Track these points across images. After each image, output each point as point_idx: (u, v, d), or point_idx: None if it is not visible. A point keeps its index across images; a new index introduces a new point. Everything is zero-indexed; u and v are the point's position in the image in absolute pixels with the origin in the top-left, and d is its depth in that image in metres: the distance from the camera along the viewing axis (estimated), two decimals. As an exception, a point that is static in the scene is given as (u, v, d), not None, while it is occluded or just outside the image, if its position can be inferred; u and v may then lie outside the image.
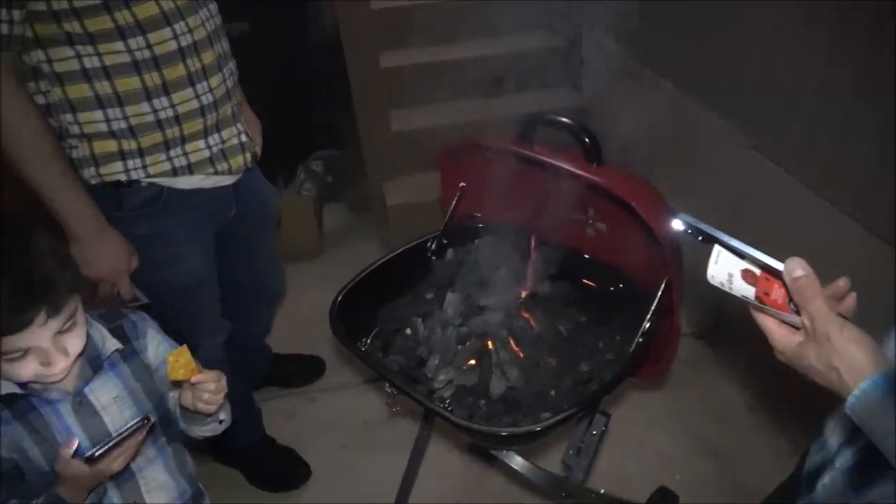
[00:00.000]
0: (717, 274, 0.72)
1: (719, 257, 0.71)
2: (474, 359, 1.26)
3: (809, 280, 0.63)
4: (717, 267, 0.72)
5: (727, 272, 0.71)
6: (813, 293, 0.63)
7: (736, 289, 0.72)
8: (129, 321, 1.12)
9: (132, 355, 1.09)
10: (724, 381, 2.12)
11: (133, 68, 1.24)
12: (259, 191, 1.64)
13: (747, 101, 1.81)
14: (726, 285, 0.73)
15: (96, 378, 1.04)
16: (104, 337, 1.06)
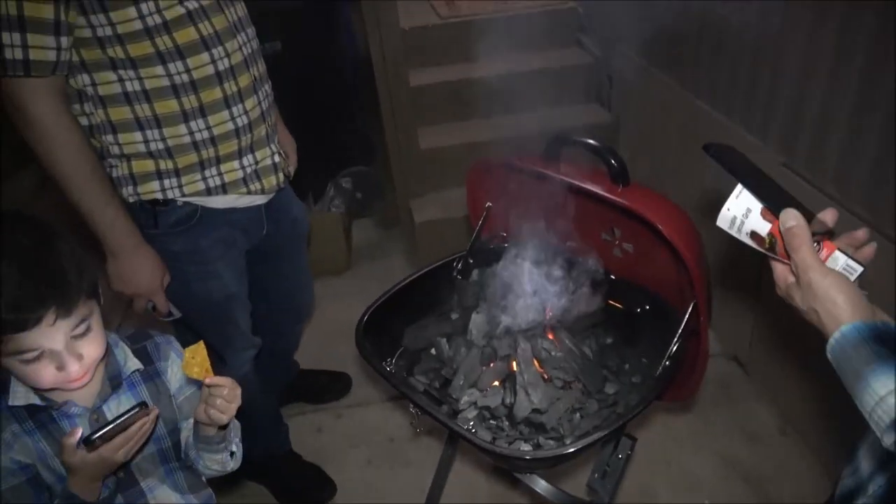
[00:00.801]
0: (735, 207, 0.77)
1: (742, 193, 0.76)
2: (499, 380, 1.26)
3: (798, 230, 0.69)
4: (737, 201, 0.77)
5: (747, 206, 0.76)
6: (799, 243, 0.69)
7: (749, 223, 0.76)
8: (154, 343, 1.12)
9: (153, 377, 1.10)
10: (755, 402, 2.08)
11: (172, 92, 1.28)
12: (290, 208, 1.67)
13: (780, 121, 1.79)
14: (739, 219, 0.77)
15: (114, 396, 1.05)
16: (126, 356, 1.07)
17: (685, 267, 1.10)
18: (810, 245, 0.68)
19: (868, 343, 0.62)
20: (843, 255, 0.70)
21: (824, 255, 0.71)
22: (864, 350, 0.61)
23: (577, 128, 2.73)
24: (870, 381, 0.60)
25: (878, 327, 0.63)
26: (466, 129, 2.78)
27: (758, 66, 1.84)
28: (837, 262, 0.70)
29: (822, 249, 0.71)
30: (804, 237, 0.68)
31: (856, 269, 0.70)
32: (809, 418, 1.88)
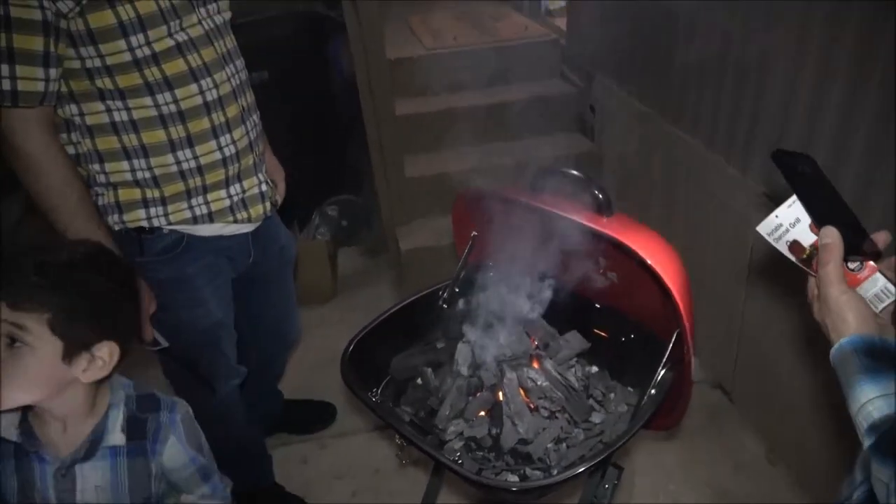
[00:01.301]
0: (785, 216, 0.79)
1: (794, 203, 0.79)
2: (485, 410, 1.26)
3: (832, 247, 0.72)
4: (788, 210, 0.79)
5: (797, 216, 0.79)
6: (828, 258, 0.72)
7: (794, 233, 0.79)
8: (157, 420, 1.06)
9: (137, 454, 1.05)
10: (741, 430, 2.08)
11: (159, 122, 1.29)
12: (278, 236, 1.67)
13: (760, 152, 1.83)
14: (784, 227, 0.79)
15: (88, 462, 1.02)
16: (114, 426, 1.03)
17: (669, 296, 1.11)
18: (839, 262, 0.72)
19: (859, 355, 0.66)
20: (882, 278, 0.73)
21: (865, 274, 0.74)
22: (855, 361, 0.66)
23: (561, 157, 2.77)
24: (855, 389, 0.64)
25: (873, 342, 0.67)
26: (452, 158, 2.80)
27: (738, 97, 1.88)
28: (877, 283, 0.73)
29: (864, 269, 0.74)
30: (835, 254, 0.72)
31: (893, 291, 0.72)
32: (796, 447, 1.89)
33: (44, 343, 0.91)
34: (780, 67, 1.67)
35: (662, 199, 2.37)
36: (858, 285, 0.73)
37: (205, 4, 1.32)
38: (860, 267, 0.74)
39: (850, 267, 0.73)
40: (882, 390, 0.63)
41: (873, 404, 0.62)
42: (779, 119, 1.72)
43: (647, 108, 2.42)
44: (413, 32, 3.39)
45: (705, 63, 2.02)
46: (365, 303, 2.74)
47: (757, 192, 1.84)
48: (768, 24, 1.70)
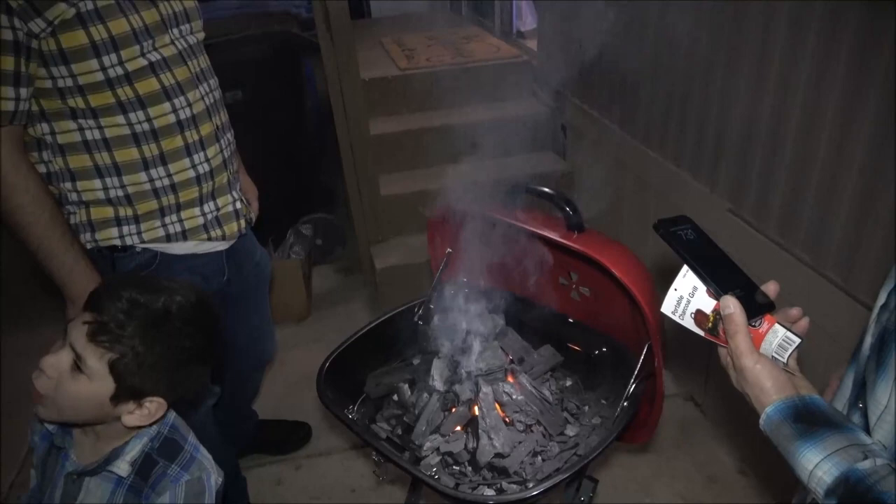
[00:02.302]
0: (682, 287, 0.79)
1: (688, 273, 0.79)
2: (461, 425, 1.26)
3: (735, 318, 0.72)
4: (684, 280, 0.80)
5: (693, 285, 0.79)
6: (735, 329, 0.72)
7: (695, 302, 0.79)
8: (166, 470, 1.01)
9: (135, 492, 1.01)
10: (713, 442, 2.12)
11: (132, 140, 1.29)
12: (253, 254, 1.67)
13: (726, 169, 1.88)
14: (685, 298, 0.79)
15: (95, 477, 1.01)
16: (126, 455, 1.00)
17: (639, 309, 1.13)
18: (746, 332, 0.72)
19: (788, 421, 0.67)
20: (782, 329, 0.74)
21: (766, 328, 0.75)
22: (786, 430, 0.66)
23: (535, 175, 2.80)
24: (797, 457, 0.64)
25: (796, 404, 0.68)
26: (426, 177, 2.83)
27: (703, 116, 1.94)
28: (777, 335, 0.74)
29: (763, 323, 0.75)
30: (740, 324, 0.72)
31: (794, 340, 0.73)
32: (766, 458, 1.92)
33: (99, 379, 0.93)
34: (743, 86, 1.73)
35: (634, 215, 2.42)
36: (762, 339, 0.74)
37: (178, 25, 1.33)
38: (760, 321, 0.75)
39: (752, 324, 0.74)
40: (823, 451, 0.63)
41: (821, 469, 0.62)
42: (743, 136, 1.78)
43: (616, 127, 2.48)
44: (387, 53, 3.42)
45: (671, 83, 2.08)
46: (340, 321, 2.74)
47: (724, 207, 1.89)
48: (731, 45, 1.76)
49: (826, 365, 0.93)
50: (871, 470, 0.59)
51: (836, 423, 0.65)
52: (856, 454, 0.61)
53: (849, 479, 0.60)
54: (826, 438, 0.63)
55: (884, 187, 1.36)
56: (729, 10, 1.73)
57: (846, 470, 0.60)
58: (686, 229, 0.83)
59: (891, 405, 0.63)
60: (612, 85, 2.47)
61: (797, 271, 1.61)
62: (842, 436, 0.63)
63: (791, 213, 1.64)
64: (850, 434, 0.63)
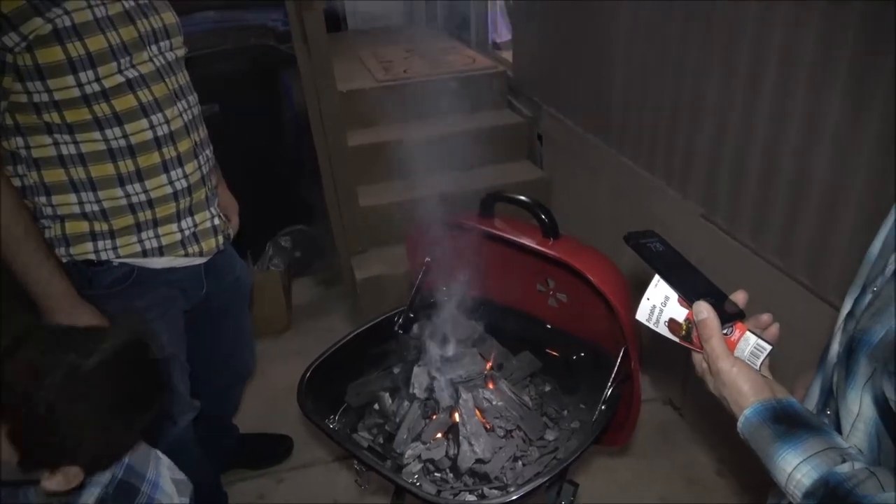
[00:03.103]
0: (654, 296, 0.81)
1: (659, 282, 0.81)
2: (442, 432, 1.27)
3: (709, 322, 0.73)
4: (656, 290, 0.81)
5: (665, 295, 0.80)
6: (709, 334, 0.73)
7: (668, 311, 0.80)
8: None
9: None
10: (692, 445, 2.15)
11: (108, 156, 1.29)
12: (233, 268, 1.67)
13: (698, 176, 1.92)
14: (658, 308, 0.81)
15: None
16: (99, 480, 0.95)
17: (615, 314, 1.15)
18: (720, 336, 0.73)
19: (767, 423, 0.67)
20: (753, 336, 0.75)
21: (737, 335, 0.76)
22: (765, 431, 0.66)
23: (511, 185, 2.84)
24: (776, 460, 0.64)
25: (773, 406, 0.68)
26: (405, 188, 2.83)
27: (674, 124, 1.99)
28: (749, 342, 0.75)
29: (735, 331, 0.76)
30: (714, 328, 0.73)
31: (765, 347, 0.75)
32: (743, 459, 1.95)
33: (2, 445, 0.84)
34: (712, 94, 1.78)
35: (610, 222, 2.46)
36: (734, 347, 0.76)
37: (157, 42, 1.34)
38: (731, 330, 0.76)
39: (723, 332, 0.75)
40: (802, 454, 0.62)
41: (800, 471, 0.62)
42: (713, 143, 1.82)
43: (591, 136, 2.52)
44: (364, 65, 3.44)
45: (643, 92, 2.12)
46: (320, 333, 2.73)
47: (696, 213, 1.93)
48: (700, 54, 1.81)
49: (796, 364, 0.95)
50: (850, 474, 0.58)
51: (814, 426, 0.65)
52: (834, 457, 0.61)
53: (828, 483, 0.59)
54: (805, 441, 0.63)
55: (847, 192, 1.40)
56: (699, 20, 1.78)
57: (825, 473, 0.60)
58: (654, 242, 0.85)
59: (862, 412, 0.64)
60: (586, 94, 2.51)
61: (768, 274, 1.66)
62: (820, 439, 0.63)
63: (761, 218, 1.69)
64: (827, 437, 0.63)
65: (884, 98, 1.27)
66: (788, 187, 1.57)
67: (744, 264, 1.74)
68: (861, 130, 1.34)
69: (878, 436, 0.62)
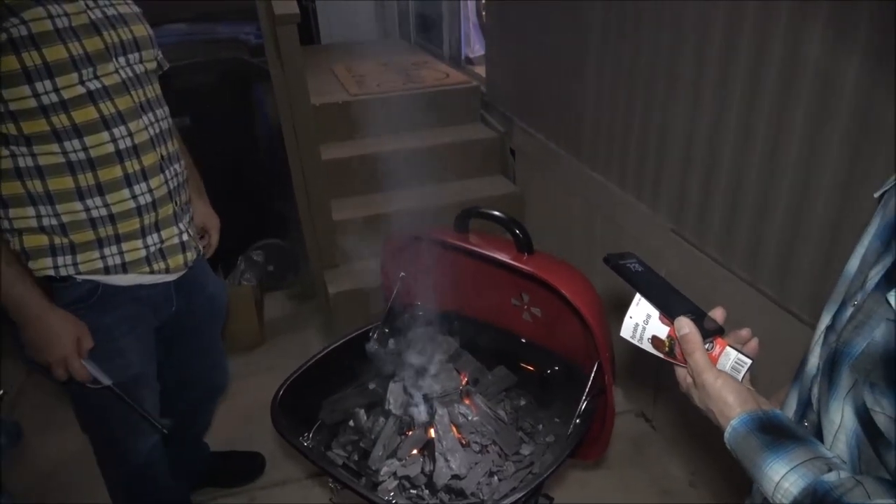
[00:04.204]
0: (636, 314, 0.83)
1: (641, 301, 0.83)
2: (418, 448, 1.27)
3: (691, 337, 0.75)
4: (637, 308, 0.83)
5: (647, 313, 0.83)
6: (692, 348, 0.75)
7: (650, 329, 0.82)
8: None
9: None
10: (664, 457, 2.17)
11: (67, 169, 1.26)
12: (206, 284, 1.64)
13: (667, 191, 1.96)
14: (640, 326, 0.83)
15: None
16: None
17: (588, 328, 1.17)
18: (703, 350, 0.75)
19: (754, 433, 0.67)
20: (734, 351, 0.77)
21: (717, 351, 0.77)
22: (753, 441, 0.67)
23: (485, 199, 2.86)
24: (764, 469, 0.64)
25: (760, 417, 0.69)
26: (379, 202, 2.84)
27: (645, 141, 2.02)
28: (730, 357, 0.77)
29: (715, 346, 0.78)
30: (697, 343, 0.75)
31: (746, 362, 0.77)
32: (714, 469, 1.98)
33: None
34: (680, 110, 1.82)
35: (582, 237, 2.49)
36: (716, 362, 0.77)
37: (125, 53, 1.32)
38: (712, 345, 0.78)
39: (705, 347, 0.76)
40: (789, 463, 0.63)
41: (788, 480, 0.62)
42: (682, 159, 1.86)
43: (563, 152, 2.55)
44: (337, 79, 3.45)
45: (614, 108, 2.16)
46: (294, 348, 2.70)
47: (667, 227, 1.96)
48: (669, 71, 1.85)
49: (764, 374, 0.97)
50: (837, 482, 0.59)
51: (799, 437, 0.66)
52: (821, 466, 0.62)
53: (816, 492, 0.60)
54: (792, 451, 0.64)
55: (811, 207, 1.44)
56: (667, 39, 1.82)
57: (813, 482, 0.61)
58: (633, 262, 0.87)
59: (844, 423, 0.65)
60: (558, 110, 2.55)
61: (736, 287, 1.69)
62: (806, 449, 0.64)
63: (728, 232, 1.72)
64: (813, 447, 0.64)
65: (847, 116, 1.31)
66: (754, 203, 1.60)
67: (713, 277, 1.77)
68: (824, 149, 1.38)
69: (858, 446, 0.64)
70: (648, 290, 0.83)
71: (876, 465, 0.61)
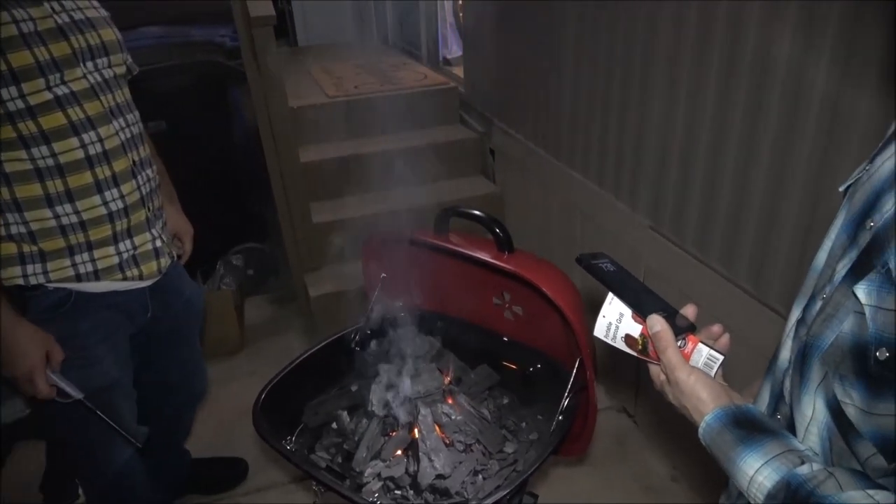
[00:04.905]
0: (609, 313, 0.84)
1: (613, 300, 0.84)
2: (401, 449, 1.27)
3: (663, 334, 0.76)
4: (610, 307, 0.84)
5: (619, 312, 0.83)
6: (665, 345, 0.76)
7: (623, 327, 0.83)
8: None
9: None
10: (647, 452, 2.19)
11: (35, 175, 1.23)
12: (182, 290, 1.62)
13: (645, 189, 1.98)
14: (613, 325, 0.84)
15: None
16: None
17: (570, 325, 1.18)
18: (675, 347, 0.75)
19: (728, 428, 0.68)
20: (706, 347, 0.78)
21: (690, 348, 0.78)
22: (727, 436, 0.67)
23: (465, 200, 2.87)
24: (738, 463, 0.65)
25: (733, 412, 0.70)
26: (358, 203, 2.83)
27: (622, 140, 2.04)
28: (702, 354, 0.78)
29: (687, 343, 0.79)
30: (669, 340, 0.75)
31: (718, 358, 0.78)
32: (695, 464, 2.00)
33: None
34: (656, 108, 1.84)
35: (562, 236, 2.50)
36: (689, 359, 0.78)
37: (93, 58, 1.29)
38: (684, 342, 0.79)
39: (678, 345, 0.77)
40: (763, 456, 0.63)
41: (762, 473, 0.63)
42: (658, 156, 1.88)
43: (541, 150, 2.57)
44: (315, 81, 3.43)
45: (591, 107, 2.18)
46: (275, 353, 2.68)
47: (645, 225, 1.98)
48: (644, 70, 1.87)
49: (740, 368, 0.98)
50: (810, 475, 0.60)
51: (772, 430, 0.67)
52: (794, 459, 0.62)
53: (790, 485, 0.61)
54: (765, 444, 0.64)
55: (785, 204, 1.46)
56: (643, 39, 1.84)
57: (786, 475, 0.61)
58: (605, 262, 0.88)
59: (815, 416, 0.65)
60: (536, 110, 2.56)
61: (713, 282, 1.71)
62: (779, 442, 0.65)
63: (705, 229, 1.75)
64: (785, 441, 0.65)
65: (818, 114, 1.34)
66: (730, 199, 1.63)
67: (691, 273, 1.79)
68: (796, 147, 1.41)
69: (830, 438, 0.64)
70: (621, 289, 0.83)
71: (847, 457, 0.62)
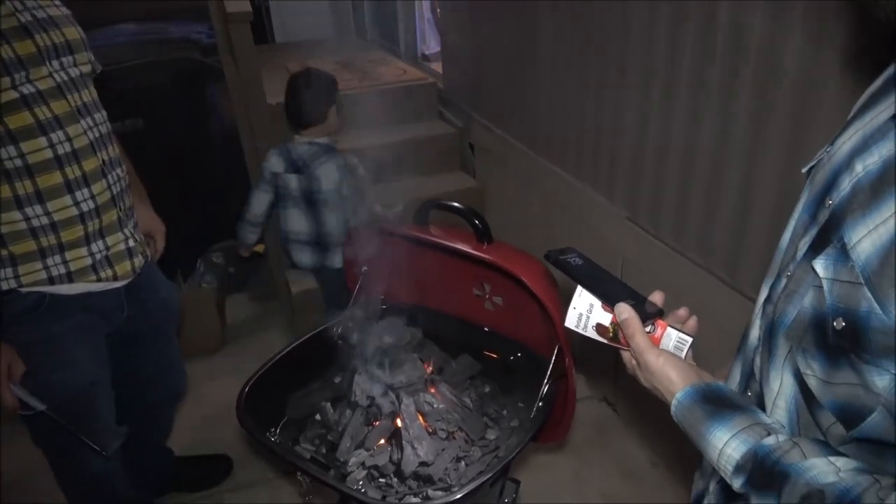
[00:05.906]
0: (580, 304, 0.87)
1: (582, 292, 0.87)
2: (385, 438, 1.28)
3: (631, 321, 0.79)
4: (580, 299, 0.87)
5: (589, 303, 0.86)
6: (632, 331, 0.79)
7: (594, 317, 0.86)
8: None
9: None
10: (626, 439, 2.23)
11: (3, 176, 1.22)
12: (158, 289, 1.61)
13: (622, 181, 2.01)
14: (584, 315, 0.87)
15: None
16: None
17: (548, 315, 1.20)
18: (643, 332, 0.79)
19: (698, 404, 0.71)
20: (674, 331, 0.81)
21: (659, 332, 0.82)
22: (697, 411, 0.70)
23: (445, 194, 2.88)
24: (708, 437, 0.67)
25: (703, 389, 0.72)
26: (339, 199, 2.83)
27: (599, 133, 2.07)
28: (671, 337, 0.81)
29: (657, 328, 0.82)
30: (637, 326, 0.79)
31: (687, 340, 0.81)
32: (673, 449, 2.05)
33: None
34: (631, 100, 1.87)
35: (541, 228, 2.53)
36: (658, 343, 0.81)
37: (58, 57, 1.28)
38: (653, 328, 0.82)
39: (647, 330, 0.80)
40: (731, 430, 0.66)
41: (730, 446, 0.65)
42: (634, 148, 1.91)
43: (520, 145, 2.59)
44: (293, 78, 3.41)
45: (567, 101, 2.20)
46: (257, 350, 2.68)
47: (622, 216, 2.02)
48: (619, 62, 1.90)
49: (718, 354, 1.01)
50: (776, 445, 0.63)
51: (740, 405, 0.69)
52: (760, 431, 0.65)
53: (756, 455, 0.63)
54: (733, 418, 0.67)
55: (757, 194, 1.50)
56: (617, 32, 1.87)
57: (753, 446, 0.64)
58: (573, 256, 0.91)
59: (783, 389, 0.68)
60: (514, 104, 2.59)
61: (690, 271, 1.75)
62: (746, 416, 0.67)
63: (681, 219, 1.78)
64: (752, 415, 0.68)
65: (788, 108, 1.37)
66: (705, 190, 1.66)
67: (668, 263, 1.83)
68: (767, 137, 1.44)
69: (797, 410, 0.67)
70: (589, 281, 0.86)
71: (813, 429, 0.65)
